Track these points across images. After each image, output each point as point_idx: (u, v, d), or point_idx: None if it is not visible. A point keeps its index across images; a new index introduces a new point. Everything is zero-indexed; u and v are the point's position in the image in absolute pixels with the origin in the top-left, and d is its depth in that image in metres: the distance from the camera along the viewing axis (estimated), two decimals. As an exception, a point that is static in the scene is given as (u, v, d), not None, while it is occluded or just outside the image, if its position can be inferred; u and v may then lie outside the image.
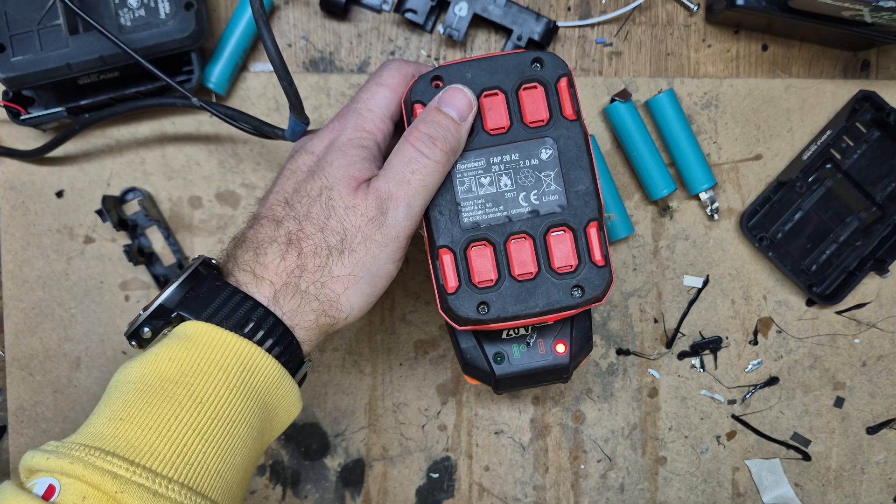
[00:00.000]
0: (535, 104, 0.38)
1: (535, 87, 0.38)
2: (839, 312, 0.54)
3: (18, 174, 0.52)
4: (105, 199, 0.50)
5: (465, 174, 0.38)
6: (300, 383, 0.37)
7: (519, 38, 0.50)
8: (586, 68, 0.53)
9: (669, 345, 0.54)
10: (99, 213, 0.49)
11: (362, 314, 0.38)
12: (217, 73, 0.50)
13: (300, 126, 0.41)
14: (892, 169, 0.52)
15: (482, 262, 0.37)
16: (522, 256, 0.37)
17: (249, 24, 0.50)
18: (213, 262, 0.38)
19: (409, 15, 0.50)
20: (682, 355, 0.54)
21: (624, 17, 0.52)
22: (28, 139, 0.52)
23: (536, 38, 0.50)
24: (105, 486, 0.29)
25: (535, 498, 0.54)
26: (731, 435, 0.54)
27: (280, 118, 0.52)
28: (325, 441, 0.54)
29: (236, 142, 0.52)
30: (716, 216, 0.52)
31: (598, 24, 0.52)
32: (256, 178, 0.52)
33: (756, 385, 0.54)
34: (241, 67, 0.51)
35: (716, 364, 0.54)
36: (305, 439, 0.54)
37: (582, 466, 0.54)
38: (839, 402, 0.54)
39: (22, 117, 0.49)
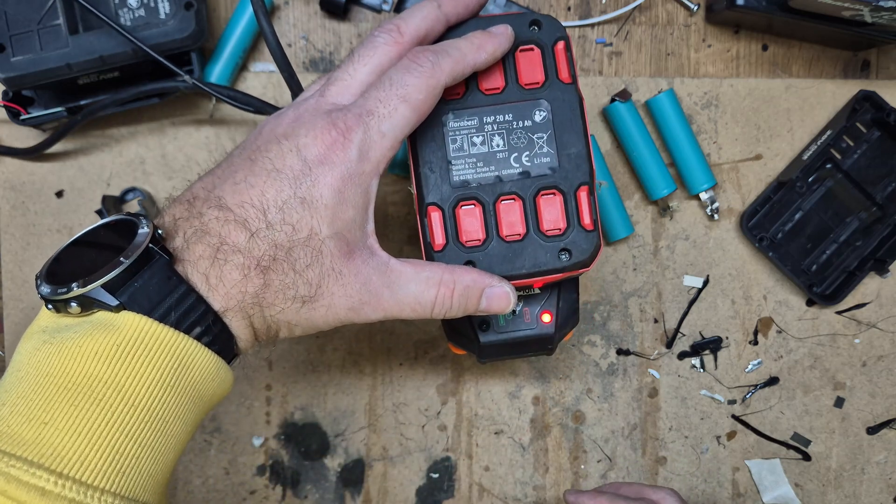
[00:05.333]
0: (531, 66, 0.37)
1: (531, 49, 0.37)
2: (839, 312, 0.54)
3: (18, 174, 0.52)
4: (105, 199, 0.50)
5: (457, 132, 0.37)
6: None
7: (519, 38, 0.50)
8: (586, 68, 0.53)
9: (669, 345, 0.54)
10: (99, 213, 0.49)
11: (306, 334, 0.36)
12: (217, 73, 0.50)
13: None
14: (892, 169, 0.52)
15: (470, 222, 0.37)
16: (511, 217, 0.37)
17: (249, 23, 0.50)
18: (161, 234, 0.33)
19: (409, 15, 0.50)
20: (682, 355, 0.54)
21: (624, 17, 0.52)
22: (28, 139, 0.52)
23: (536, 38, 0.50)
24: (31, 502, 0.27)
25: (535, 498, 0.54)
26: (731, 435, 0.54)
27: (280, 118, 0.52)
28: (325, 441, 0.54)
29: (237, 141, 0.52)
30: (716, 216, 0.52)
31: (598, 24, 0.52)
32: (256, 178, 0.52)
33: (756, 385, 0.54)
34: (241, 67, 0.51)
35: (716, 364, 0.54)
36: (305, 439, 0.54)
37: (582, 466, 0.54)
38: (839, 402, 0.54)
39: (22, 117, 0.49)
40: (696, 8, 0.52)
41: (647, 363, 0.54)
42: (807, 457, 0.54)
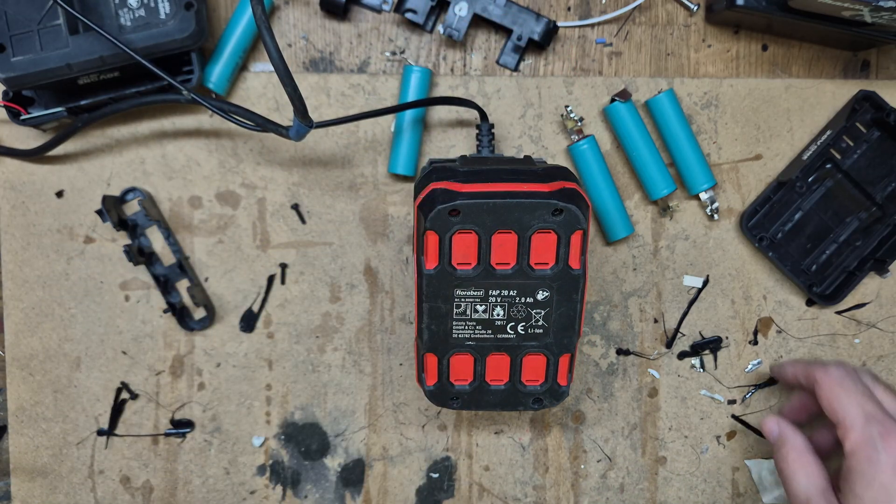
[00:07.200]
0: (544, 248, 0.39)
1: (548, 233, 0.38)
2: (839, 312, 0.54)
3: (18, 174, 0.52)
4: (105, 199, 0.50)
5: (462, 300, 0.40)
6: None
7: (519, 38, 0.50)
8: (586, 68, 0.53)
9: (669, 345, 0.54)
10: (99, 213, 0.49)
11: None
12: (217, 73, 0.50)
13: (304, 128, 0.42)
14: (892, 169, 0.52)
15: (462, 368, 0.42)
16: (498, 369, 0.42)
17: (249, 24, 0.50)
18: None
19: (409, 15, 0.50)
20: (682, 355, 0.54)
21: (624, 17, 0.52)
22: (28, 139, 0.52)
23: (536, 38, 0.50)
24: None
25: (535, 498, 0.54)
26: (731, 435, 0.54)
27: (280, 118, 0.52)
28: (325, 441, 0.54)
29: (236, 141, 0.52)
30: (716, 216, 0.52)
31: (598, 24, 0.52)
32: (256, 178, 0.52)
33: (756, 385, 0.54)
34: (241, 67, 0.51)
35: (716, 364, 0.54)
36: (305, 439, 0.54)
37: (582, 466, 0.54)
38: (839, 402, 0.54)
39: (22, 117, 0.49)
40: (696, 8, 0.52)
41: (646, 363, 0.54)
42: (807, 457, 0.54)
